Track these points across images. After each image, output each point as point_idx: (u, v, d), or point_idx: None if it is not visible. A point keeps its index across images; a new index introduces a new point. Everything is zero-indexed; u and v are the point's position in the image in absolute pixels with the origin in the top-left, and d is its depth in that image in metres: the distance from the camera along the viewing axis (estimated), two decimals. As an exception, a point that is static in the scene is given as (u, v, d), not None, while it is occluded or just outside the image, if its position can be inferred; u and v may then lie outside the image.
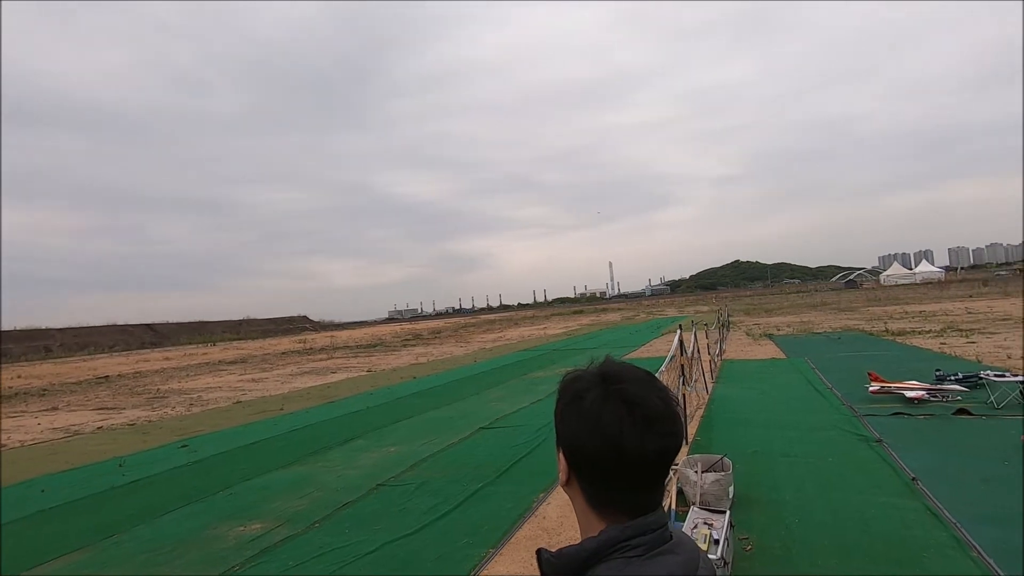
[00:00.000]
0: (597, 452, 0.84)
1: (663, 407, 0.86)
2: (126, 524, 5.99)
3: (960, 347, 14.08)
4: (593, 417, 0.85)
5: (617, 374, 0.89)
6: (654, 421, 0.84)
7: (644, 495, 0.87)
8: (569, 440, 0.89)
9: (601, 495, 0.88)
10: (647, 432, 0.83)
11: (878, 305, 36.44)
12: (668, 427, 0.85)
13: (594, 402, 0.86)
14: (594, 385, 0.88)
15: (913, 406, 8.08)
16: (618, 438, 0.82)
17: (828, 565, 3.94)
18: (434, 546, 4.74)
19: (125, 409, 16.20)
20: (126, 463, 8.83)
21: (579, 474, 0.89)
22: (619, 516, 0.86)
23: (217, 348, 58.58)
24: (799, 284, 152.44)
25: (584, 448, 0.86)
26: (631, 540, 0.84)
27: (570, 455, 0.89)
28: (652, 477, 0.86)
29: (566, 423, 0.89)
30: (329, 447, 8.71)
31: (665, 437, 0.84)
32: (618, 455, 0.83)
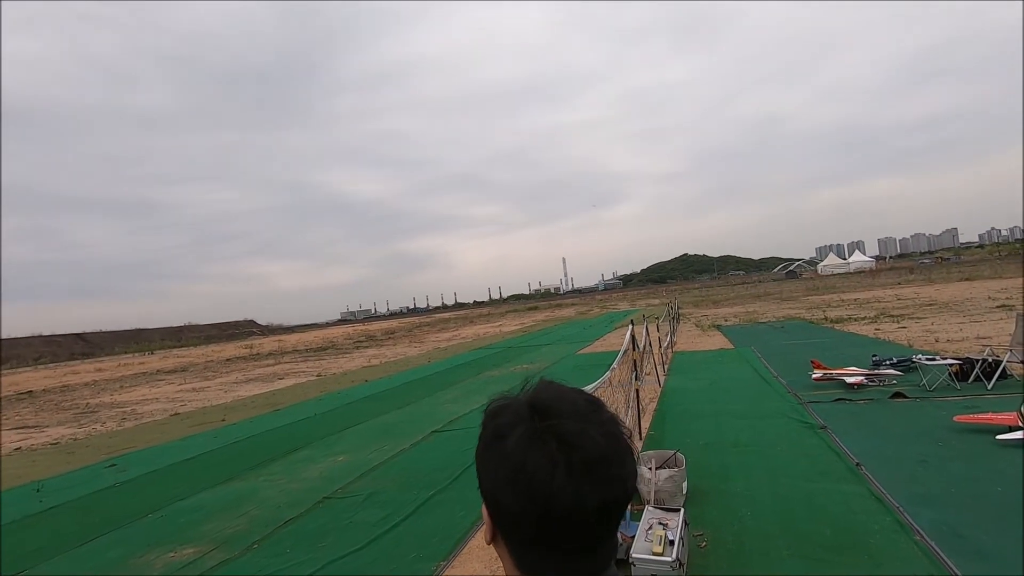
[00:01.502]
0: (522, 508, 0.64)
1: (606, 446, 0.66)
2: (37, 557, 5.43)
3: (892, 332, 14.82)
4: (517, 463, 0.64)
5: (550, 405, 0.69)
6: (595, 466, 0.64)
7: (584, 559, 0.67)
8: (489, 491, 0.68)
9: (531, 560, 0.67)
10: (585, 482, 0.63)
11: (817, 294, 38.18)
12: (613, 471, 0.65)
13: (519, 443, 0.65)
14: (520, 420, 0.68)
15: (853, 392, 8.36)
16: (547, 491, 0.62)
17: (780, 555, 3.93)
18: (383, 562, 4.48)
19: (49, 427, 15.01)
20: (44, 487, 8.09)
21: (504, 533, 0.69)
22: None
23: (155, 357, 55.59)
24: (744, 276, 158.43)
25: (506, 503, 0.65)
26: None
27: (492, 510, 0.69)
28: (594, 537, 0.66)
29: (486, 469, 0.69)
30: (272, 459, 8.24)
31: (610, 484, 0.65)
32: (549, 514, 0.63)
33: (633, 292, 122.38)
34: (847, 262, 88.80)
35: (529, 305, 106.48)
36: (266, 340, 71.82)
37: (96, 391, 25.06)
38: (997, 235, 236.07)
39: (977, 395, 7.48)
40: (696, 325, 23.45)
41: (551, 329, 33.34)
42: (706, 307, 36.69)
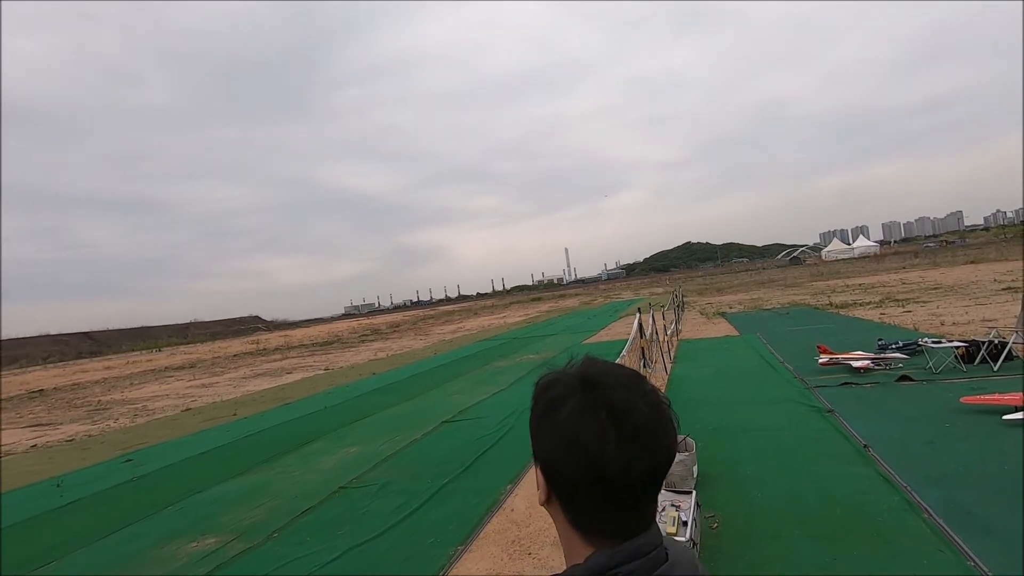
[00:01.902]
0: (576, 472, 0.71)
1: (650, 415, 0.73)
2: (64, 549, 5.56)
3: (898, 316, 14.84)
4: (571, 432, 0.71)
5: (599, 379, 0.75)
6: (642, 434, 0.71)
7: (633, 517, 0.74)
8: (544, 458, 0.75)
9: (584, 518, 0.75)
10: (634, 447, 0.70)
11: (821, 280, 38.13)
12: (658, 440, 0.72)
13: (572, 414, 0.72)
14: (572, 392, 0.74)
15: (860, 375, 8.42)
16: (600, 456, 0.69)
17: (791, 535, 4.01)
18: (400, 548, 4.59)
19: (62, 424, 15.20)
20: (64, 483, 8.24)
21: (558, 494, 0.76)
22: (606, 540, 0.74)
23: (163, 354, 55.97)
24: (747, 263, 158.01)
25: (561, 467, 0.73)
26: (622, 566, 0.72)
27: (546, 473, 0.76)
28: (640, 498, 0.73)
29: (541, 438, 0.76)
30: (286, 452, 8.37)
31: (655, 452, 0.72)
32: (600, 475, 0.70)
33: (636, 281, 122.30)
34: (851, 247, 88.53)
35: (533, 296, 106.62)
36: (272, 335, 72.17)
37: (107, 388, 25.31)
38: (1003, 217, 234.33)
39: (983, 377, 7.53)
40: (701, 313, 23.48)
41: (555, 320, 33.43)
42: (710, 295, 36.70)
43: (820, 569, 3.54)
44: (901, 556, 3.59)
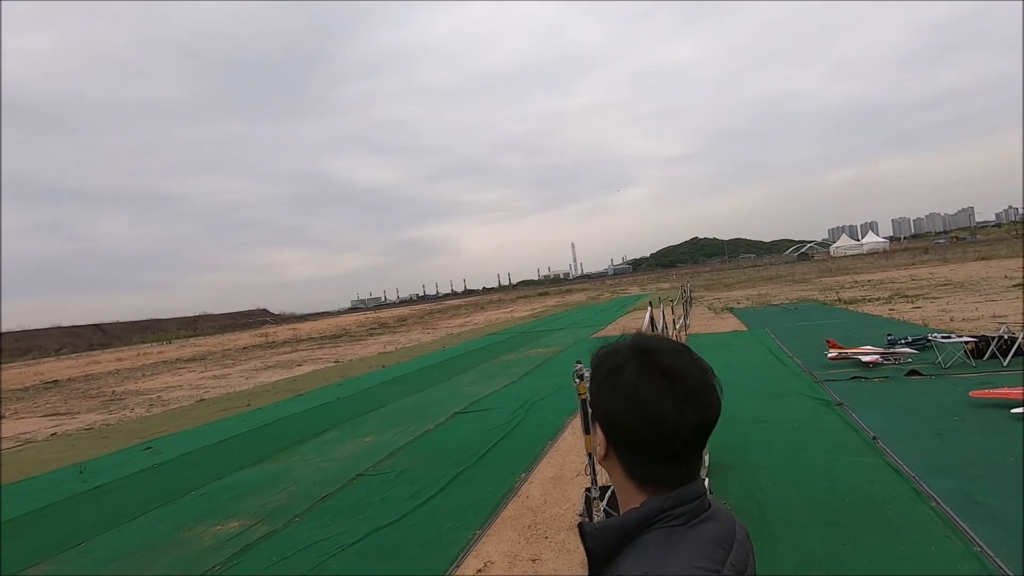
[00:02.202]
0: (636, 426, 0.84)
1: (701, 378, 0.86)
2: (92, 532, 5.76)
3: (907, 312, 14.85)
4: (631, 391, 0.84)
5: (653, 346, 0.89)
6: (692, 393, 0.84)
7: (683, 466, 0.87)
8: (607, 415, 0.88)
9: (641, 468, 0.88)
10: (686, 404, 0.83)
11: (830, 275, 38.01)
12: (707, 398, 0.85)
13: (631, 376, 0.85)
14: (630, 359, 0.87)
15: (869, 370, 8.49)
16: (657, 412, 0.82)
17: (801, 521, 4.12)
18: (419, 532, 4.74)
19: (80, 414, 15.50)
20: (86, 469, 8.47)
21: (618, 448, 0.89)
22: (659, 488, 0.87)
23: (173, 346, 56.56)
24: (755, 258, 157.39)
25: (623, 423, 0.85)
26: (673, 510, 0.85)
27: (608, 430, 0.89)
28: (691, 449, 0.86)
29: (603, 398, 0.89)
30: (302, 440, 8.55)
31: (704, 409, 0.85)
32: (657, 429, 0.83)
33: (643, 277, 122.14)
34: (860, 243, 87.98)
35: (539, 291, 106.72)
36: (280, 328, 72.74)
37: (120, 379, 25.68)
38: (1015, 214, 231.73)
39: (993, 372, 7.58)
40: (709, 308, 23.53)
41: (562, 314, 33.55)
42: (718, 290, 36.69)
43: (829, 553, 3.66)
44: (909, 542, 3.69)
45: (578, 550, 4.07)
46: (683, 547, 0.83)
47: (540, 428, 7.61)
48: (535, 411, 8.65)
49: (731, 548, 0.87)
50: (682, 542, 0.83)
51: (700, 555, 0.82)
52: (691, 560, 0.81)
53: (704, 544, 0.84)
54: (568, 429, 7.38)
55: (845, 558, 3.58)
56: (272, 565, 4.44)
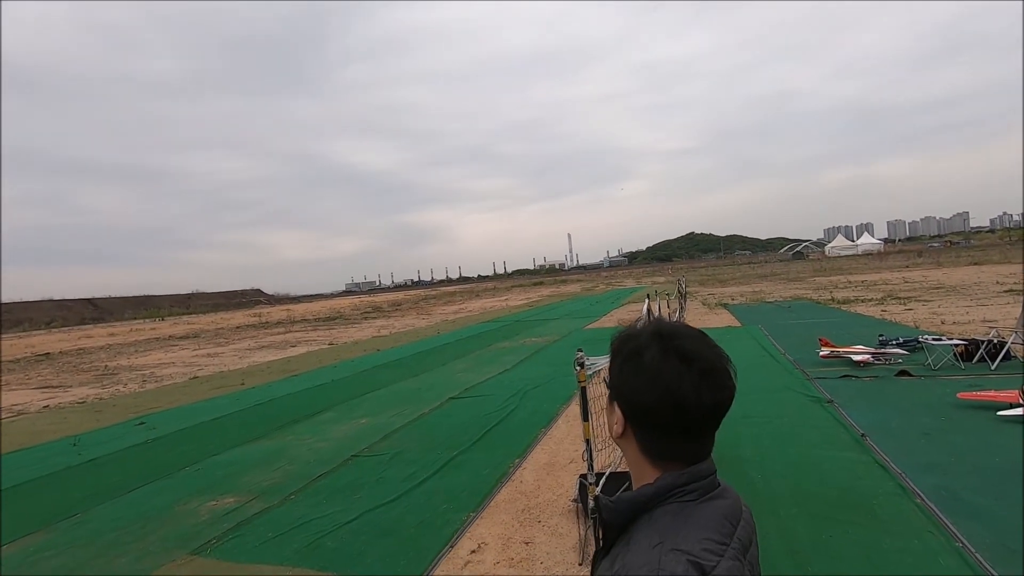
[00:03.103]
0: (656, 405, 0.89)
1: (717, 361, 0.91)
2: (87, 503, 5.80)
3: (899, 314, 15.00)
4: (653, 372, 0.89)
5: (673, 331, 0.94)
6: (710, 374, 0.89)
7: (697, 445, 0.93)
8: (628, 395, 0.93)
9: (657, 446, 0.93)
10: (703, 385, 0.88)
11: (824, 275, 38.25)
12: (724, 380, 0.91)
13: (654, 357, 0.90)
14: (651, 342, 0.92)
15: (859, 369, 8.61)
16: (678, 392, 0.87)
17: (789, 513, 4.22)
18: (414, 512, 4.81)
19: (72, 387, 15.48)
20: (80, 442, 8.50)
21: (636, 427, 0.94)
22: (673, 464, 0.92)
23: (166, 323, 56.34)
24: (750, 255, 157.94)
25: (644, 402, 0.90)
26: (686, 486, 0.90)
27: (628, 409, 0.94)
28: (706, 428, 0.92)
29: (624, 379, 0.94)
30: (297, 420, 8.61)
31: (721, 390, 0.90)
32: (677, 407, 0.88)
33: (638, 270, 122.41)
34: (855, 244, 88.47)
35: (534, 280, 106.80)
36: (274, 309, 72.57)
37: (112, 355, 25.62)
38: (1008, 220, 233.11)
39: (981, 375, 7.71)
40: (703, 303, 23.67)
41: (557, 304, 33.65)
42: (712, 286, 36.86)
43: (816, 545, 3.75)
44: (893, 536, 3.79)
45: (570, 534, 4.16)
46: (694, 521, 0.88)
47: (534, 416, 7.69)
48: (529, 399, 8.73)
49: (738, 524, 0.93)
50: (694, 516, 0.89)
51: (710, 528, 0.88)
52: (702, 533, 0.87)
53: (714, 519, 0.89)
54: (562, 418, 7.47)
55: (831, 549, 3.68)
56: (268, 541, 4.51)
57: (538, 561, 3.85)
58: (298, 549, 4.31)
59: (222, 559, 4.27)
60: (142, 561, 4.36)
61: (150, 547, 4.61)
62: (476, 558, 3.97)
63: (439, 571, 3.84)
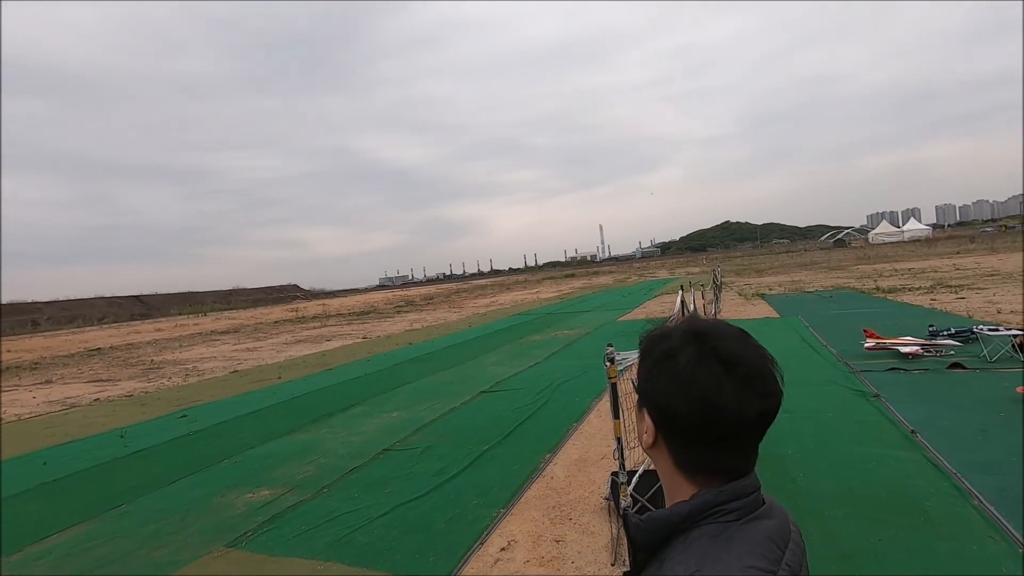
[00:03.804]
0: (691, 415, 0.78)
1: (762, 365, 0.80)
2: (132, 494, 5.99)
3: (950, 303, 14.26)
4: (687, 378, 0.78)
5: (710, 331, 0.82)
6: (754, 380, 0.78)
7: (739, 459, 0.82)
8: (658, 402, 0.82)
9: (692, 459, 0.82)
10: (745, 394, 0.77)
11: (867, 263, 36.78)
12: (768, 387, 0.79)
13: (688, 362, 0.79)
14: (686, 343, 0.81)
15: (908, 361, 8.20)
16: (715, 401, 0.76)
17: (834, 514, 4.02)
18: (445, 508, 4.79)
19: (120, 381, 16.13)
20: (127, 434, 8.81)
21: (668, 437, 0.83)
22: (710, 480, 0.81)
23: (208, 318, 58.24)
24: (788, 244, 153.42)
25: (676, 410, 0.80)
26: (726, 504, 0.79)
27: (659, 418, 0.83)
28: (748, 440, 0.81)
29: (655, 384, 0.83)
30: (331, 414, 8.72)
31: (766, 398, 0.78)
32: (715, 418, 0.77)
33: (671, 260, 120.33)
34: (901, 230, 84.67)
35: (565, 272, 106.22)
36: (310, 304, 74.22)
37: (158, 349, 26.61)
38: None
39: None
40: (739, 294, 23.05)
41: (589, 296, 33.33)
42: (749, 276, 35.90)
43: (865, 549, 3.55)
44: (948, 540, 3.56)
45: (602, 533, 4.05)
46: (737, 544, 0.77)
47: (566, 410, 7.59)
48: (561, 393, 8.62)
49: (786, 547, 0.81)
50: (736, 539, 0.77)
51: (755, 554, 0.76)
52: (745, 559, 0.75)
53: (759, 542, 0.78)
54: (594, 412, 7.34)
55: (882, 553, 3.48)
56: (301, 534, 4.55)
57: (569, 560, 3.76)
58: (330, 543, 4.33)
59: (256, 552, 4.33)
60: (181, 553, 4.46)
61: (189, 539, 4.72)
62: (506, 556, 3.91)
63: (469, 568, 3.79)
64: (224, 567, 4.15)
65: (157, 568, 4.23)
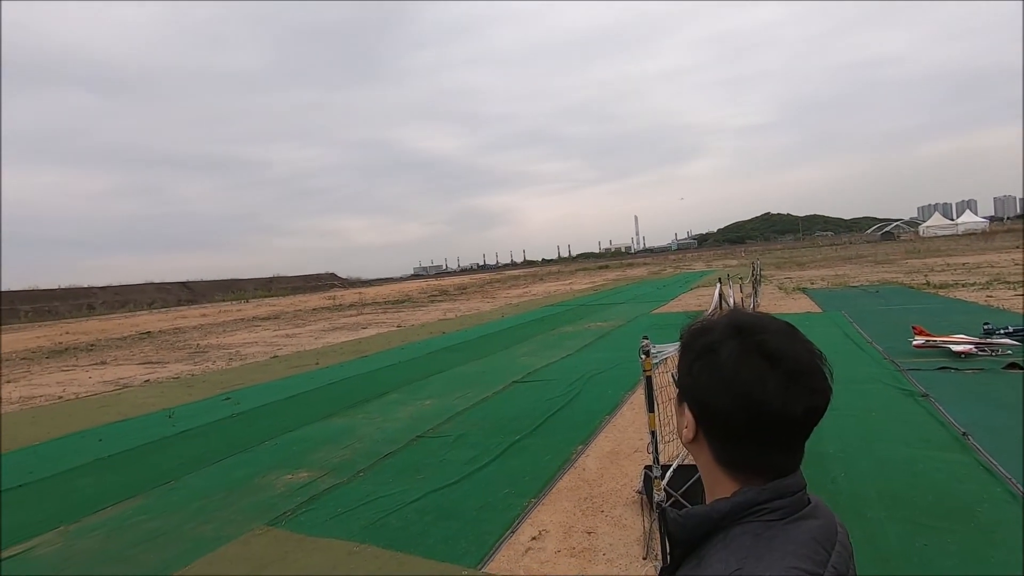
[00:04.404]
0: (733, 411, 0.76)
1: (810, 360, 0.77)
2: (178, 472, 6.27)
3: (1008, 300, 13.53)
4: (729, 373, 0.76)
5: (754, 325, 0.79)
6: (801, 377, 0.75)
7: (783, 456, 0.79)
8: (700, 397, 0.80)
9: (733, 455, 0.80)
10: (791, 390, 0.74)
11: (917, 257, 35.21)
12: (816, 383, 0.76)
13: (731, 356, 0.77)
14: (728, 337, 0.79)
15: (960, 360, 7.83)
16: (760, 397, 0.74)
17: (876, 516, 3.89)
18: (476, 495, 4.84)
19: (169, 363, 16.84)
20: (175, 414, 9.21)
21: (709, 432, 0.81)
22: (752, 477, 0.78)
23: (250, 305, 60.13)
24: (832, 236, 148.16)
25: (718, 406, 0.77)
26: (768, 503, 0.76)
27: (700, 413, 0.81)
28: (794, 438, 0.77)
29: (696, 379, 0.81)
30: (366, 400, 8.91)
31: (813, 394, 0.75)
32: (758, 414, 0.74)
33: (708, 252, 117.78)
34: (955, 223, 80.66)
35: (599, 264, 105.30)
36: (347, 292, 75.77)
37: (204, 334, 27.65)
38: None
39: (1110, 369, 6.79)
40: (779, 288, 22.41)
41: (623, 288, 32.97)
42: (789, 269, 34.85)
43: (908, 553, 3.43)
44: (1000, 547, 3.40)
45: (634, 526, 4.03)
46: (780, 544, 0.75)
47: (598, 402, 7.55)
48: (593, 385, 8.58)
49: (832, 549, 0.78)
50: (779, 539, 0.75)
51: (799, 555, 0.74)
52: (789, 560, 0.73)
53: (804, 543, 0.75)
54: (627, 405, 7.28)
55: (927, 558, 3.35)
56: (337, 516, 4.68)
57: (600, 552, 3.75)
58: (365, 525, 4.44)
59: (295, 531, 4.47)
60: (225, 529, 4.64)
61: (232, 516, 4.91)
62: (537, 545, 3.93)
63: (500, 556, 3.83)
64: (265, 544, 4.31)
65: (203, 543, 4.43)
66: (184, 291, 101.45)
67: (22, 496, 5.97)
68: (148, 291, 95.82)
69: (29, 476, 6.57)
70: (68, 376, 15.87)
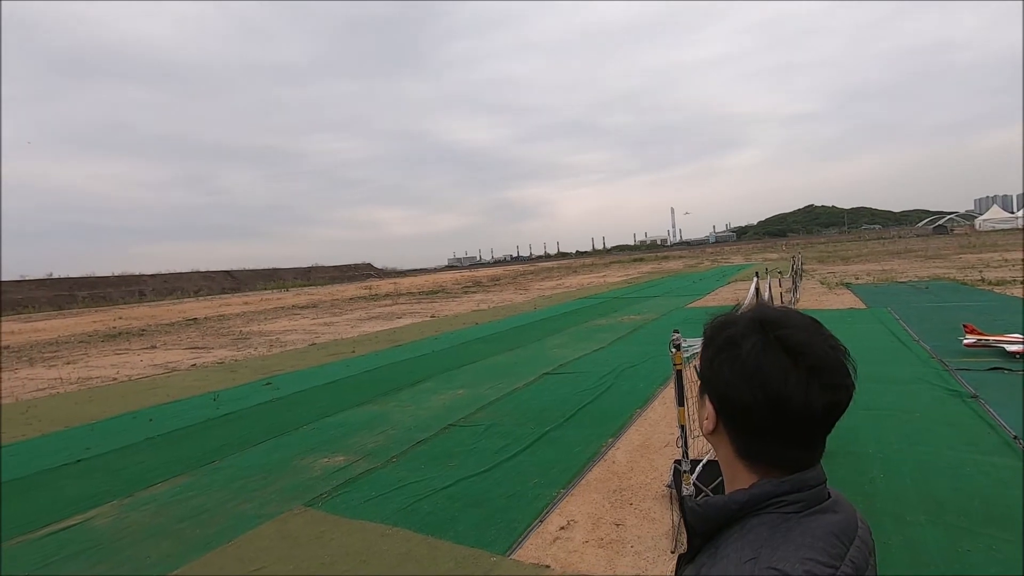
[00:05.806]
0: (754, 405, 0.77)
1: (833, 356, 0.77)
2: (222, 452, 6.56)
3: (1071, 298, 12.76)
4: (750, 367, 0.77)
5: (777, 319, 0.80)
6: (823, 372, 0.75)
7: (802, 451, 0.79)
8: (721, 390, 0.81)
9: (753, 448, 0.81)
10: (814, 384, 0.74)
11: (972, 252, 33.50)
12: (838, 378, 0.76)
13: (753, 350, 0.77)
14: (751, 331, 0.79)
15: (1014, 361, 7.46)
16: (781, 391, 0.74)
17: (916, 519, 3.77)
18: (506, 484, 4.91)
19: (214, 349, 17.53)
20: (219, 398, 9.61)
21: (729, 425, 0.82)
22: (771, 470, 0.80)
23: (290, 294, 61.84)
24: (880, 230, 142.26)
25: (739, 400, 0.78)
26: (786, 496, 0.77)
27: (720, 406, 0.82)
28: (814, 433, 0.78)
29: (718, 372, 0.82)
30: (399, 388, 9.09)
31: (836, 390, 0.75)
32: (779, 409, 0.75)
33: (748, 245, 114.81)
34: (1015, 216, 76.26)
35: (634, 256, 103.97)
36: (383, 282, 77.10)
37: (246, 321, 28.63)
38: None
39: None
40: (821, 283, 21.71)
41: (658, 281, 32.51)
42: (833, 264, 33.69)
43: (950, 559, 3.32)
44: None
45: (663, 520, 4.02)
46: (796, 536, 0.76)
47: (629, 395, 7.51)
48: (624, 378, 8.54)
49: (851, 544, 0.78)
50: (795, 531, 0.76)
51: (815, 547, 0.74)
52: (804, 552, 0.74)
53: (821, 536, 0.76)
54: (658, 399, 7.23)
55: (970, 565, 3.23)
56: (371, 499, 4.82)
57: (628, 544, 3.77)
58: (397, 509, 4.57)
59: (331, 513, 4.63)
60: (265, 508, 4.85)
61: (271, 496, 5.12)
62: (565, 535, 3.97)
63: (528, 544, 3.88)
64: (303, 524, 4.48)
65: (244, 520, 4.64)
66: (228, 279, 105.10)
67: (81, 470, 6.36)
68: (194, 279, 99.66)
69: (87, 452, 6.99)
70: (121, 359, 16.71)
